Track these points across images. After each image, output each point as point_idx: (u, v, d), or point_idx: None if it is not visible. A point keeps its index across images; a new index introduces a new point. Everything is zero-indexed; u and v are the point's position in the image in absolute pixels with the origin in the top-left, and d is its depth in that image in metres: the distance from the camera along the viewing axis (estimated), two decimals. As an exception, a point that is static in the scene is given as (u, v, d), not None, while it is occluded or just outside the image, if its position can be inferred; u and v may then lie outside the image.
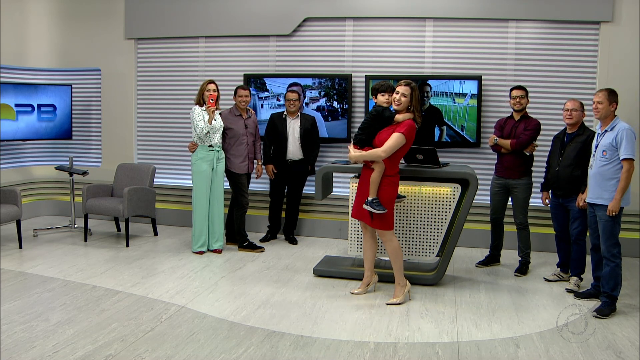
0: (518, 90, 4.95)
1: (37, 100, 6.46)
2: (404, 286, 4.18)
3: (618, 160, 3.94)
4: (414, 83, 4.06)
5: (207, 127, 5.17)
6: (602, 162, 4.01)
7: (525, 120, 4.93)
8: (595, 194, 4.05)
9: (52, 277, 4.57)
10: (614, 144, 3.95)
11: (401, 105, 4.01)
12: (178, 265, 4.99)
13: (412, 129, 3.99)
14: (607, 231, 3.97)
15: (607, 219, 3.96)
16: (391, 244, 4.10)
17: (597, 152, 4.07)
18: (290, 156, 5.79)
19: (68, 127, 6.69)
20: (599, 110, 4.05)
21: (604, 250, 4.00)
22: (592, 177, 4.09)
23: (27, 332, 3.42)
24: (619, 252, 3.97)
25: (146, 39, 6.71)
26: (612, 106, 4.04)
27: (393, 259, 4.13)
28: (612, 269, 3.96)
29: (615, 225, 3.97)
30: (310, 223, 6.28)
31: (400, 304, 4.12)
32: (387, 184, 4.04)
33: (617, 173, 3.94)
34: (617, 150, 3.94)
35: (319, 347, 3.32)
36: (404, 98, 3.99)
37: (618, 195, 3.90)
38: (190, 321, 3.68)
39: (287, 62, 6.33)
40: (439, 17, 5.91)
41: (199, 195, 5.35)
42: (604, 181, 3.98)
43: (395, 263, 4.13)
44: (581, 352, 3.33)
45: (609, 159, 3.97)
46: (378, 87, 4.14)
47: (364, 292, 4.33)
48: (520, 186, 4.92)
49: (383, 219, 4.04)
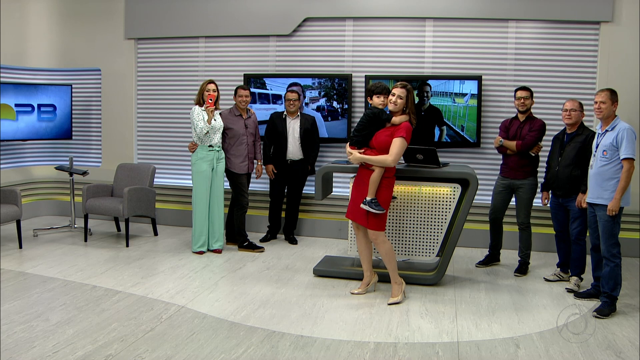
0: (523, 91, 4.93)
1: (37, 100, 6.46)
2: (401, 284, 4.21)
3: (618, 160, 3.94)
4: (409, 85, 4.10)
5: (206, 127, 5.17)
6: (602, 162, 4.00)
7: (530, 121, 4.92)
8: (595, 194, 4.05)
9: (52, 277, 4.57)
10: (614, 144, 3.95)
11: (397, 107, 4.05)
12: (178, 265, 4.99)
13: (410, 131, 4.05)
14: (607, 231, 3.97)
15: (607, 218, 3.96)
16: (384, 245, 4.14)
17: (597, 152, 4.07)
18: (290, 156, 5.79)
19: (68, 127, 6.69)
20: (602, 110, 4.04)
21: (604, 250, 4.00)
22: (593, 177, 4.09)
23: (27, 332, 3.42)
24: (618, 252, 3.97)
25: (146, 39, 6.71)
26: (614, 106, 4.04)
27: (387, 260, 4.16)
28: (612, 269, 3.96)
29: (615, 225, 3.97)
30: (310, 223, 6.28)
31: (401, 302, 4.13)
32: (385, 185, 4.07)
33: (617, 173, 3.94)
34: (618, 150, 3.94)
35: (319, 347, 3.32)
36: (399, 100, 4.04)
37: (618, 195, 3.90)
38: (190, 321, 3.68)
39: (287, 62, 6.33)
40: (439, 17, 5.91)
41: (198, 195, 5.35)
42: (604, 181, 3.98)
43: (390, 263, 4.17)
44: (581, 352, 3.33)
45: (610, 159, 3.97)
46: (373, 88, 4.16)
47: (364, 292, 4.34)
48: (525, 186, 4.92)
49: (378, 220, 4.07)
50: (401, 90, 4.05)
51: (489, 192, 5.75)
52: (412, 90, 4.10)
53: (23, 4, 6.66)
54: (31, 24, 6.76)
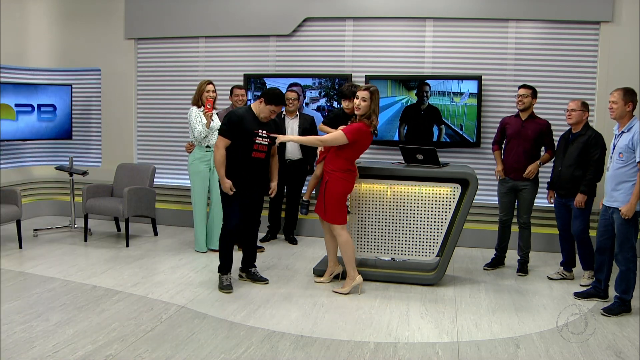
0: (522, 89, 4.92)
1: (37, 100, 6.46)
2: (353, 279, 4.31)
3: (634, 162, 3.84)
4: (373, 87, 4.20)
5: (204, 130, 5.19)
6: (618, 164, 3.93)
7: (532, 120, 4.89)
8: (611, 197, 3.98)
9: (52, 277, 4.57)
10: (630, 146, 3.86)
11: (361, 110, 4.16)
12: (178, 265, 4.99)
13: (357, 131, 4.14)
14: (621, 235, 3.90)
15: (622, 222, 3.88)
16: (340, 238, 4.30)
17: (614, 153, 3.99)
18: (289, 156, 5.79)
19: (68, 127, 6.69)
20: (614, 111, 3.97)
21: (617, 253, 3.94)
22: (609, 179, 4.01)
23: (27, 332, 3.42)
24: (633, 256, 3.90)
25: (146, 39, 6.71)
26: (627, 106, 3.93)
27: (343, 251, 4.32)
28: (624, 272, 3.92)
29: (630, 229, 3.88)
30: (310, 223, 6.28)
31: (347, 295, 4.26)
32: (337, 178, 4.22)
33: (633, 176, 3.85)
34: (633, 153, 3.84)
35: (319, 347, 3.32)
36: (363, 103, 4.14)
37: (634, 200, 3.80)
38: (190, 321, 3.68)
39: (287, 62, 6.33)
40: (439, 17, 5.92)
41: (197, 195, 5.37)
42: (619, 183, 3.91)
43: (346, 255, 4.32)
44: (581, 352, 3.33)
45: (625, 162, 3.88)
46: (342, 91, 4.50)
47: (327, 281, 4.54)
48: (528, 187, 4.91)
49: (334, 213, 4.25)
50: (364, 92, 4.15)
51: (489, 192, 5.76)
52: (377, 92, 4.18)
53: (23, 4, 6.66)
54: (31, 24, 6.76)
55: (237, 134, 4.20)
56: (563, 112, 4.68)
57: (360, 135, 4.15)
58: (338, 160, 4.22)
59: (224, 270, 4.38)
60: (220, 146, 4.22)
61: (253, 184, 4.34)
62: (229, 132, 4.20)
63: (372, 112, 4.16)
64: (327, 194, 4.24)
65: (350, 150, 4.19)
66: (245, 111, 4.29)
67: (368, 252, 4.74)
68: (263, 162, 4.32)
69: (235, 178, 4.26)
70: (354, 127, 4.15)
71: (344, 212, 4.32)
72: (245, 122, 4.20)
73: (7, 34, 6.43)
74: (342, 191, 4.25)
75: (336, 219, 4.27)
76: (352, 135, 4.12)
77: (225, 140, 4.21)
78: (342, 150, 4.19)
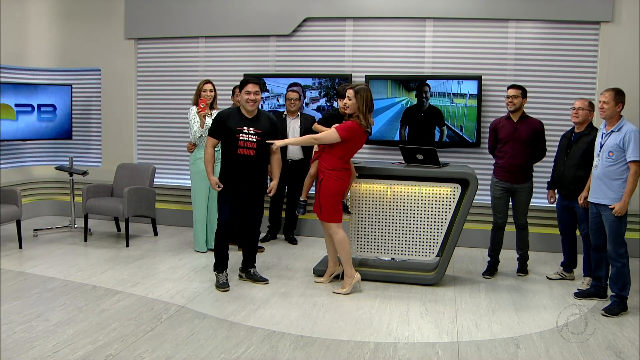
0: (512, 90, 4.79)
1: (37, 100, 6.45)
2: (352, 277, 4.32)
3: (624, 160, 3.92)
4: (361, 86, 4.24)
5: (199, 131, 5.18)
6: (608, 163, 3.98)
7: (525, 120, 4.79)
8: (600, 194, 4.02)
9: (52, 277, 4.57)
10: (620, 145, 3.92)
11: (349, 109, 4.22)
12: (178, 265, 4.99)
13: (349, 129, 4.19)
14: (613, 231, 3.95)
15: (614, 219, 3.94)
16: (336, 236, 4.33)
17: (602, 152, 4.03)
18: (291, 156, 5.79)
19: (68, 127, 6.69)
20: (605, 110, 4.02)
21: (610, 250, 3.98)
22: (597, 178, 4.05)
23: (27, 332, 3.42)
24: (625, 251, 3.96)
25: (146, 39, 6.71)
26: (618, 107, 4.01)
27: (339, 250, 4.35)
28: (619, 269, 3.95)
29: (622, 225, 3.96)
30: (311, 223, 6.28)
31: (347, 294, 4.25)
32: (331, 177, 4.24)
33: (623, 174, 3.93)
34: (624, 152, 3.91)
35: (319, 347, 3.32)
36: (349, 101, 4.21)
37: (626, 198, 3.88)
38: (190, 321, 3.68)
39: (287, 62, 6.33)
40: (439, 17, 5.92)
41: (197, 195, 5.37)
42: (610, 182, 3.96)
43: (342, 254, 4.34)
44: (581, 352, 3.33)
45: (615, 160, 3.95)
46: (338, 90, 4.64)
47: (328, 282, 4.53)
48: (524, 190, 4.86)
49: (329, 212, 4.28)
50: (350, 91, 4.23)
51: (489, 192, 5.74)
52: (364, 91, 4.19)
53: (23, 4, 6.66)
54: (31, 24, 6.75)
55: (223, 133, 4.30)
56: (563, 112, 4.67)
57: (353, 134, 4.19)
58: (332, 159, 4.25)
59: (220, 268, 4.42)
60: (208, 145, 4.38)
61: (243, 183, 4.33)
62: (214, 132, 4.34)
63: (358, 110, 4.18)
64: (322, 192, 4.27)
65: (344, 148, 4.23)
66: (232, 110, 4.40)
67: (368, 252, 4.74)
68: (253, 159, 4.30)
69: (226, 176, 4.32)
70: (347, 125, 4.21)
71: (340, 210, 4.34)
72: (229, 120, 4.27)
73: (7, 34, 6.43)
74: (336, 190, 4.27)
75: (331, 218, 4.30)
76: (344, 132, 4.16)
77: (212, 140, 4.35)
78: (335, 149, 4.23)
